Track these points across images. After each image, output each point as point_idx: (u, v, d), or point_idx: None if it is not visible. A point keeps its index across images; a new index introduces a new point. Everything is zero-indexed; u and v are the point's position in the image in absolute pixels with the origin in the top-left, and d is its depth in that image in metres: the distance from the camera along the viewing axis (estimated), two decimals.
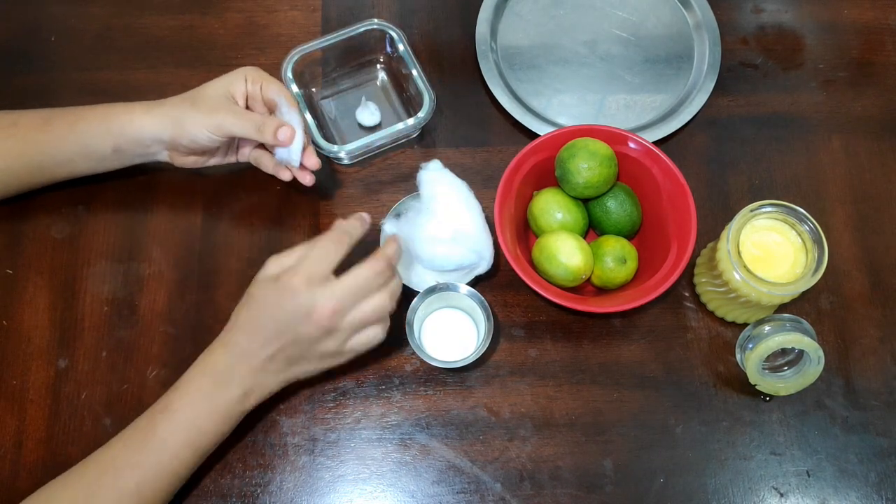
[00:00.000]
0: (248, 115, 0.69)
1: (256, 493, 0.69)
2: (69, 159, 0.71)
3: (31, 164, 0.71)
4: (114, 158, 0.72)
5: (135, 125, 0.69)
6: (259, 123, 0.68)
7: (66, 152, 0.71)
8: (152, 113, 0.69)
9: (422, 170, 0.72)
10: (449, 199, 0.71)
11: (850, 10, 0.91)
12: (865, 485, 0.71)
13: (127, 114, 0.70)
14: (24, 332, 0.74)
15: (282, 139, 0.68)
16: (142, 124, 0.69)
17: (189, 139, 0.69)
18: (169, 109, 0.69)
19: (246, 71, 0.71)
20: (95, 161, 0.72)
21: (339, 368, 0.73)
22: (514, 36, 0.88)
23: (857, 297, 0.77)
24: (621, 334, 0.76)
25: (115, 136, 0.70)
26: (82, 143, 0.70)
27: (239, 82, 0.71)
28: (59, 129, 0.70)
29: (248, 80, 0.71)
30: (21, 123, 0.70)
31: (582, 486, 0.70)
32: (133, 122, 0.69)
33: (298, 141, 0.70)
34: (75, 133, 0.70)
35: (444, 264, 0.71)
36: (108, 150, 0.71)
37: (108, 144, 0.70)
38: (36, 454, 0.69)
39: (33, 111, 0.72)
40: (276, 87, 0.71)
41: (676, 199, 0.72)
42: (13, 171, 0.71)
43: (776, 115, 0.85)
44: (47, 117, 0.71)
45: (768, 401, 0.73)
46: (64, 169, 0.72)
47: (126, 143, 0.70)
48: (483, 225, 0.71)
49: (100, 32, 0.87)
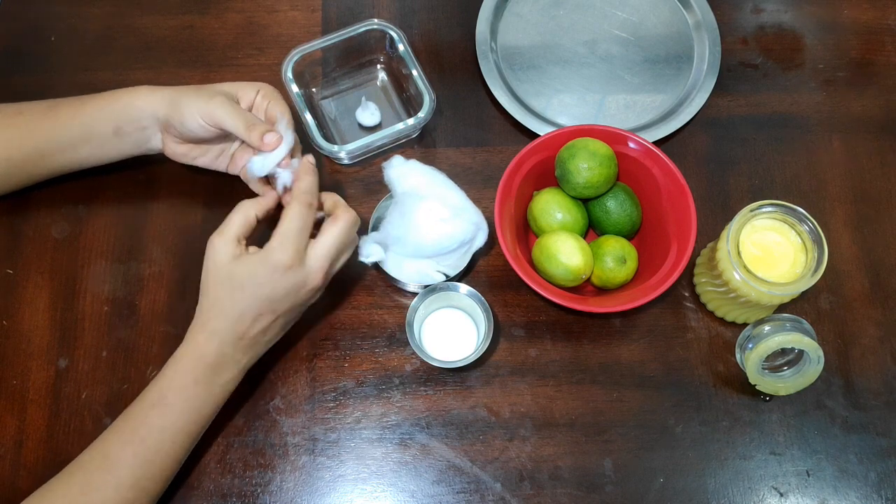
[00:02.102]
0: (242, 113, 0.68)
1: (256, 493, 0.69)
2: (71, 145, 0.71)
3: (32, 151, 0.71)
4: (114, 143, 0.72)
5: (137, 104, 0.70)
6: (250, 122, 0.67)
7: (68, 137, 0.71)
8: (155, 93, 0.70)
9: (387, 168, 0.72)
10: (429, 183, 0.71)
11: (849, 10, 0.91)
12: (865, 485, 0.71)
13: (131, 93, 0.70)
14: (24, 332, 0.74)
15: (267, 142, 0.67)
16: (144, 103, 0.70)
17: (180, 121, 0.68)
18: (171, 90, 0.70)
19: (261, 85, 0.71)
20: (96, 145, 0.72)
21: (340, 368, 0.73)
22: (514, 36, 0.88)
23: (857, 297, 0.77)
24: (621, 334, 0.76)
25: (116, 115, 0.70)
26: (85, 125, 0.70)
27: (250, 92, 0.71)
28: (64, 115, 0.71)
29: (261, 94, 0.71)
30: (26, 112, 0.71)
31: (582, 486, 0.70)
32: (136, 101, 0.70)
33: (279, 154, 0.68)
34: (79, 117, 0.70)
35: (449, 244, 0.71)
36: (109, 132, 0.71)
37: (109, 126, 0.70)
38: (36, 454, 0.69)
39: (39, 101, 0.72)
40: (282, 107, 0.70)
41: (676, 199, 0.72)
42: (14, 161, 0.71)
43: (776, 115, 0.85)
44: (53, 104, 0.72)
45: (768, 401, 0.73)
46: (65, 156, 0.72)
47: (126, 122, 0.70)
48: (467, 198, 0.72)
49: (100, 32, 0.87)
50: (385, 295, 0.76)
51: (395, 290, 0.76)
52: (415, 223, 0.70)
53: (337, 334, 0.75)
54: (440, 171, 0.72)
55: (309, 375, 0.73)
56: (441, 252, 0.72)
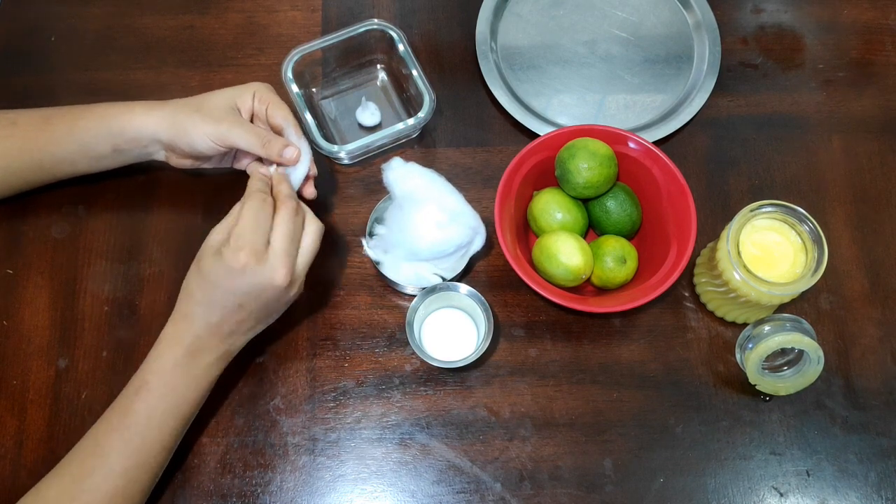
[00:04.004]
0: (254, 129, 0.68)
1: (256, 493, 0.69)
2: (69, 159, 0.71)
3: (31, 162, 0.71)
4: (114, 157, 0.72)
5: (134, 125, 0.69)
6: (265, 140, 0.68)
7: (65, 151, 0.71)
8: (152, 113, 0.69)
9: (386, 171, 0.72)
10: (428, 186, 0.71)
11: (849, 10, 0.91)
12: (865, 485, 0.71)
13: (126, 113, 0.70)
14: (24, 332, 0.74)
15: (287, 157, 0.68)
16: (141, 124, 0.69)
17: (188, 143, 0.69)
18: (171, 112, 0.69)
19: (255, 87, 0.70)
20: (95, 160, 0.72)
21: (340, 368, 0.73)
22: (514, 36, 0.88)
23: (857, 297, 0.77)
24: (621, 334, 0.76)
25: (114, 136, 0.70)
26: (82, 142, 0.70)
27: (247, 97, 0.70)
28: (59, 129, 0.70)
29: (257, 97, 0.70)
30: (20, 122, 0.71)
31: (582, 486, 0.70)
32: (133, 122, 0.69)
33: (304, 165, 0.69)
34: (75, 133, 0.70)
35: (446, 248, 0.71)
36: (108, 150, 0.71)
37: (107, 144, 0.70)
38: (36, 454, 0.69)
39: (32, 110, 0.72)
40: (284, 112, 0.70)
41: (676, 199, 0.72)
42: (13, 170, 0.71)
43: (776, 115, 0.85)
44: (47, 116, 0.71)
45: (768, 401, 0.73)
46: (64, 167, 0.73)
47: (125, 142, 0.70)
48: (465, 202, 0.72)
49: (100, 32, 0.87)
50: (385, 295, 0.76)
51: (395, 291, 0.76)
52: (412, 227, 0.70)
53: (337, 334, 0.75)
54: (440, 172, 0.72)
55: (309, 375, 0.73)
56: (438, 256, 0.72)
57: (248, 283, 0.62)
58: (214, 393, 0.69)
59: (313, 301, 0.75)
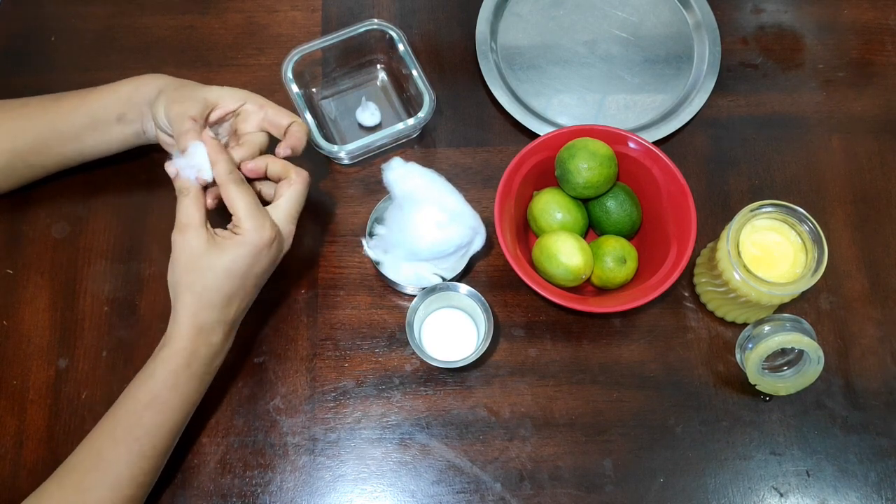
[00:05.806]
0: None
1: (256, 493, 0.69)
2: (75, 134, 0.71)
3: (36, 141, 0.71)
4: (117, 130, 0.72)
5: (142, 90, 0.70)
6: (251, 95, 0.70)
7: (73, 125, 0.71)
8: (157, 78, 0.71)
9: (386, 171, 0.71)
10: (428, 186, 0.71)
11: (849, 10, 0.91)
12: (865, 485, 0.71)
13: (136, 80, 0.71)
14: (24, 332, 0.74)
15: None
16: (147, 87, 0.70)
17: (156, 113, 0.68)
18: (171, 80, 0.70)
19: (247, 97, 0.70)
20: (100, 133, 0.72)
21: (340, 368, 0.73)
22: (514, 36, 0.88)
23: (857, 297, 0.77)
24: (621, 334, 0.76)
25: (122, 102, 0.70)
26: (91, 113, 0.71)
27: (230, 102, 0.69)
28: (69, 105, 0.71)
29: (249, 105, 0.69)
30: (31, 104, 0.72)
31: (582, 486, 0.70)
32: (141, 87, 0.70)
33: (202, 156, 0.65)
34: (84, 106, 0.71)
35: (446, 248, 0.71)
36: (113, 119, 0.71)
37: (113, 112, 0.71)
38: (36, 454, 0.69)
39: (45, 95, 0.73)
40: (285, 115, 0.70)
41: (676, 199, 0.72)
42: (18, 151, 0.72)
43: (776, 115, 0.85)
44: (58, 97, 0.72)
45: (768, 401, 0.73)
46: (69, 146, 0.72)
47: (130, 108, 0.71)
48: (465, 202, 0.72)
49: (100, 32, 0.87)
50: (385, 295, 0.76)
51: (395, 291, 0.76)
52: (412, 227, 0.70)
53: (337, 334, 0.75)
54: (440, 172, 0.72)
55: (309, 375, 0.73)
56: (438, 256, 0.72)
57: (271, 256, 0.64)
58: (214, 393, 0.69)
59: (313, 301, 0.76)
